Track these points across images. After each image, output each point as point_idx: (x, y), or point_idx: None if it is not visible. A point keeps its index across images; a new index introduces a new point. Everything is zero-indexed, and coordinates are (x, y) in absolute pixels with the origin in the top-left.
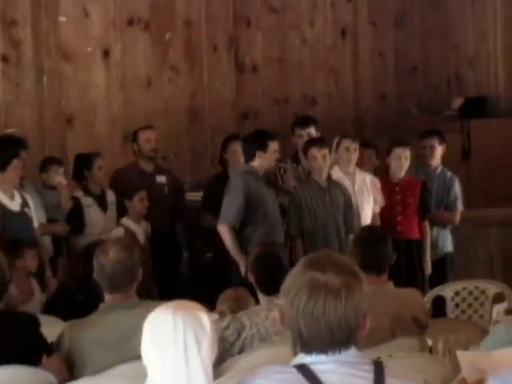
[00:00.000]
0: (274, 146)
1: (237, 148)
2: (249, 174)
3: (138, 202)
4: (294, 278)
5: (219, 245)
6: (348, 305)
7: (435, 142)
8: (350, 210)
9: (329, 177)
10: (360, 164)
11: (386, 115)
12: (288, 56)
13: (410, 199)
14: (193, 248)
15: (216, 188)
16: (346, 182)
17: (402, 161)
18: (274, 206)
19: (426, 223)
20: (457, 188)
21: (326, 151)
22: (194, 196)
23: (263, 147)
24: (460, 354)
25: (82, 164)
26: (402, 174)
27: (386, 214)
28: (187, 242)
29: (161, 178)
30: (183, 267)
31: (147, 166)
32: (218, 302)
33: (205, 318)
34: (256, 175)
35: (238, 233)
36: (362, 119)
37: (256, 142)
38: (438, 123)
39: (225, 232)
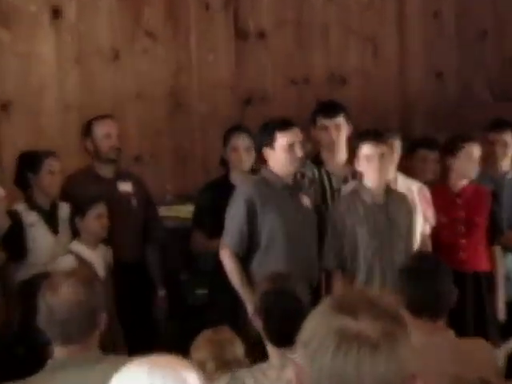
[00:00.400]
0: (284, 138)
1: (238, 143)
2: (261, 182)
3: (94, 220)
4: (316, 326)
5: (218, 277)
6: (390, 362)
7: (508, 137)
8: (413, 236)
9: (387, 187)
10: (421, 172)
11: (444, 100)
12: (308, 18)
13: (476, 216)
14: (174, 282)
15: (213, 198)
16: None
17: (472, 162)
18: (299, 226)
19: (498, 249)
20: None
21: (384, 149)
22: (178, 211)
23: (269, 141)
24: None
25: (27, 166)
26: (470, 178)
27: (444, 237)
28: (166, 273)
29: (125, 186)
30: (160, 309)
31: (106, 171)
32: (192, 348)
33: (192, 378)
34: (274, 183)
35: (246, 261)
36: (410, 105)
37: (260, 135)
38: None
39: (226, 259)
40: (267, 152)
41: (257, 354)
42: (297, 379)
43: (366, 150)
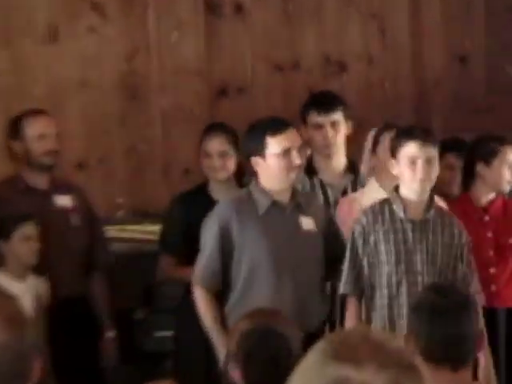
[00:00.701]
0: (277, 143)
1: (210, 148)
2: (245, 200)
3: (21, 243)
4: (308, 376)
5: (186, 315)
6: None
7: None
8: (461, 263)
9: (431, 199)
10: (447, 183)
11: (469, 91)
12: None
13: (509, 237)
14: (126, 322)
15: (186, 214)
16: None
17: (509, 170)
18: (293, 256)
19: None
20: None
21: (432, 153)
22: (133, 231)
23: (258, 149)
24: None
25: None
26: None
27: None
28: (116, 310)
29: (63, 200)
30: (107, 356)
31: (39, 180)
32: None
33: None
34: (261, 201)
35: (222, 298)
36: (426, 98)
37: (247, 141)
38: None
39: (197, 297)
40: (256, 161)
41: None
42: None
43: (409, 149)
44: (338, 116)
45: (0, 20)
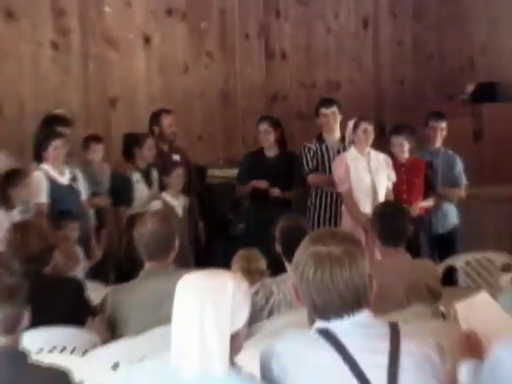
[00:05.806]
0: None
1: (264, 128)
2: None
3: (175, 178)
4: (300, 254)
5: (252, 214)
6: (353, 269)
7: (442, 124)
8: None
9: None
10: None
11: (404, 99)
12: (314, 44)
13: (415, 179)
14: (222, 220)
15: (250, 166)
16: (362, 162)
17: (400, 147)
18: None
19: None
20: (459, 165)
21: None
22: (226, 173)
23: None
24: (457, 306)
25: (132, 143)
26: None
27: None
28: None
29: (176, 157)
30: (200, 236)
31: (164, 147)
32: (232, 262)
33: (230, 285)
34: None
35: None
36: (381, 103)
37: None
38: (452, 107)
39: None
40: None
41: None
42: (294, 294)
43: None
44: (335, 109)
45: (157, 60)
